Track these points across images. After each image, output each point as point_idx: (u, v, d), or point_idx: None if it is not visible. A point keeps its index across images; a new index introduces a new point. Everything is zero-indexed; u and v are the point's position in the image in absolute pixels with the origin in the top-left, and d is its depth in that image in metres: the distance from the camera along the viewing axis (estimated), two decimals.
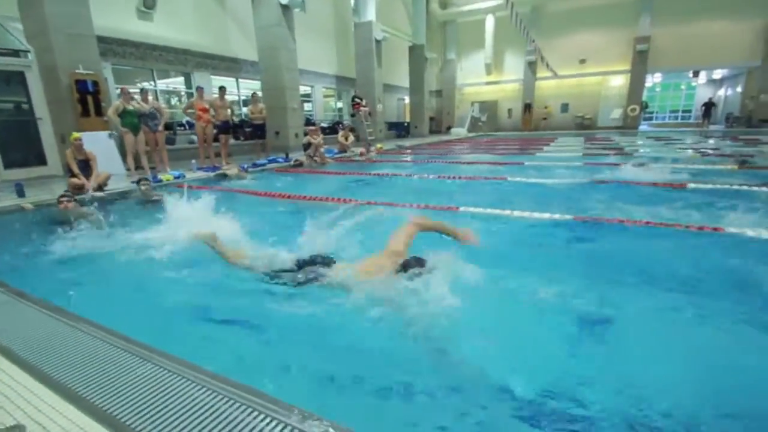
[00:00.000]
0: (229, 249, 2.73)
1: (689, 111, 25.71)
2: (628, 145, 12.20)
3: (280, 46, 11.95)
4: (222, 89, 9.14)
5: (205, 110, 8.50)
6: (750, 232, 3.05)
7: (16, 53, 7.28)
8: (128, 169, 7.61)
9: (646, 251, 3.11)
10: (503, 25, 22.23)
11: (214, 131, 8.90)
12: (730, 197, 4.29)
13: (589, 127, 22.95)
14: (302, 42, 13.92)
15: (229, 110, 9.24)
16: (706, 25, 19.69)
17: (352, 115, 16.70)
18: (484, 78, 25.75)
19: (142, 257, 2.92)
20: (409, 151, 12.87)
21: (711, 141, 13.15)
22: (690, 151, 9.91)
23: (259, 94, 12.42)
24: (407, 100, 23.54)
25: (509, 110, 25.66)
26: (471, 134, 21.99)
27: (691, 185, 4.96)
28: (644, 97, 23.19)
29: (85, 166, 5.63)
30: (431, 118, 25.13)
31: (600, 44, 22.03)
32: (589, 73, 22.76)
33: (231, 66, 13.01)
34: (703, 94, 23.82)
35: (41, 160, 7.91)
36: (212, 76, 12.35)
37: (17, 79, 7.38)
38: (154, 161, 8.07)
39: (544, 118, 24.02)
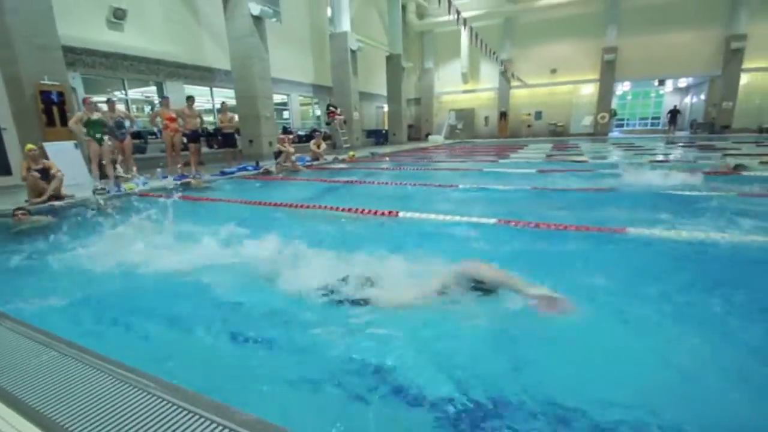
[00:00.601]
0: None
1: (658, 118, 26.70)
2: (588, 151, 12.71)
3: (253, 55, 12.16)
4: (190, 98, 9.31)
5: (173, 119, 8.66)
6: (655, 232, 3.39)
7: None
8: (93, 178, 7.70)
9: (567, 251, 3.41)
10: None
11: (184, 140, 9.04)
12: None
13: (562, 134, 23.67)
14: (278, 51, 14.17)
15: (198, 119, 9.40)
16: (670, 36, 20.61)
17: (328, 123, 16.99)
18: (460, 86, 26.34)
19: (91, 266, 2.99)
20: (385, 158, 13.15)
21: (670, 147, 13.76)
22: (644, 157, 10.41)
23: (231, 103, 12.61)
24: (386, 108, 23.94)
25: (486, 118, 26.26)
26: (448, 141, 22.49)
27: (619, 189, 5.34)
28: (615, 105, 24.07)
29: (44, 176, 5.74)
30: (410, 126, 25.61)
31: (570, 54, 22.82)
32: (561, 82, 23.52)
33: (205, 75, 13.16)
34: (670, 102, 24.76)
35: (6, 170, 7.95)
36: (185, 86, 12.48)
37: None
38: (121, 170, 8.17)
39: (529, 126, 24.72)
